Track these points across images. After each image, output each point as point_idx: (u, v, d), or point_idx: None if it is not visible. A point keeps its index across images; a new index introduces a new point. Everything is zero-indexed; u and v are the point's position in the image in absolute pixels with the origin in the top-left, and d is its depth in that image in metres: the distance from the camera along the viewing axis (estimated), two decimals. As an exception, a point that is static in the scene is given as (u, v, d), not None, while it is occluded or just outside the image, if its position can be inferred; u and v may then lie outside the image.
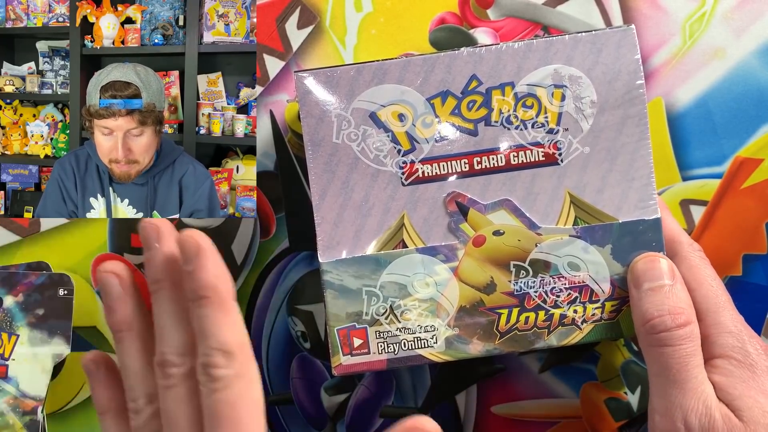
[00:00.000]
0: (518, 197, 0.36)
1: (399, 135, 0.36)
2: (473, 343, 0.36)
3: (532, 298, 0.36)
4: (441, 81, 0.36)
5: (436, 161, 0.36)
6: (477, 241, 0.36)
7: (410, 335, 0.36)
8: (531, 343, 0.37)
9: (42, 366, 0.43)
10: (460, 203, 0.36)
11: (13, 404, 0.43)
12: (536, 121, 0.36)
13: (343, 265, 0.36)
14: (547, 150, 0.36)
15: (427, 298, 0.36)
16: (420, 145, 0.36)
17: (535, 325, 0.36)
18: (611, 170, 0.36)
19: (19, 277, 0.43)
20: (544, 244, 0.36)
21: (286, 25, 0.46)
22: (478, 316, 0.36)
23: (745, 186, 0.44)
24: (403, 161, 0.36)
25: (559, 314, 0.36)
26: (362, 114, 0.36)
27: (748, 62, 0.44)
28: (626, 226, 0.36)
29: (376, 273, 0.36)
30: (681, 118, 0.44)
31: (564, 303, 0.36)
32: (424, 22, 0.45)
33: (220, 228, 0.46)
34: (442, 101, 0.36)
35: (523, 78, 0.36)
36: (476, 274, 0.36)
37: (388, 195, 0.36)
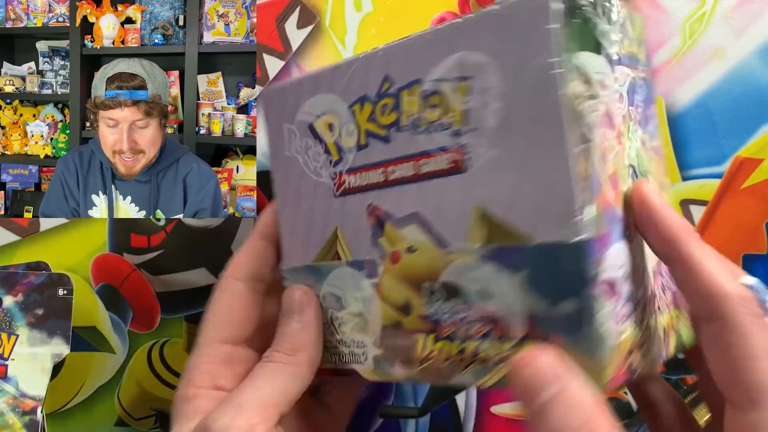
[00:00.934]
0: (429, 210, 0.30)
1: (330, 145, 0.34)
2: (395, 367, 0.32)
3: (445, 326, 0.30)
4: (359, 85, 0.32)
5: (358, 171, 0.33)
6: (393, 258, 0.32)
7: (346, 348, 0.34)
8: (447, 376, 0.30)
9: (41, 366, 0.43)
10: (378, 216, 0.33)
11: (12, 404, 0.43)
12: (442, 122, 0.30)
13: (295, 273, 0.36)
14: (453, 156, 0.29)
15: (358, 312, 0.34)
16: (345, 155, 0.33)
17: (450, 357, 0.30)
18: (525, 178, 0.27)
19: (18, 277, 0.43)
20: (453, 265, 0.30)
21: (285, 25, 0.46)
22: (398, 338, 0.32)
23: (745, 186, 0.44)
24: (334, 172, 0.34)
25: (472, 348, 0.29)
26: (304, 126, 0.35)
27: (748, 62, 0.44)
28: (542, 249, 0.27)
29: (319, 282, 0.35)
30: (681, 117, 0.44)
31: (476, 336, 0.29)
32: (424, 22, 0.45)
33: (220, 228, 0.46)
34: (360, 107, 0.33)
35: (430, 72, 0.30)
36: (394, 292, 0.32)
37: (326, 206, 0.34)
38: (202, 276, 0.46)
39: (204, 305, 0.46)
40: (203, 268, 0.46)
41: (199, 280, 0.46)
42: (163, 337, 0.47)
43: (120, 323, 0.47)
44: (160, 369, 0.47)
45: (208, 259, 0.46)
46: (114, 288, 0.47)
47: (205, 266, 0.46)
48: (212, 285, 0.46)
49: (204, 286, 0.46)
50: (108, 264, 0.47)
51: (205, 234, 0.46)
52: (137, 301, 0.46)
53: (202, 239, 0.46)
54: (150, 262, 0.46)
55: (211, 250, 0.46)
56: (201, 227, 0.47)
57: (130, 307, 0.47)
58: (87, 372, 0.47)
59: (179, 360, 0.47)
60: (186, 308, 0.47)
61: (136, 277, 0.46)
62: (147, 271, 0.46)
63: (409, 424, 0.46)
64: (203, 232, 0.47)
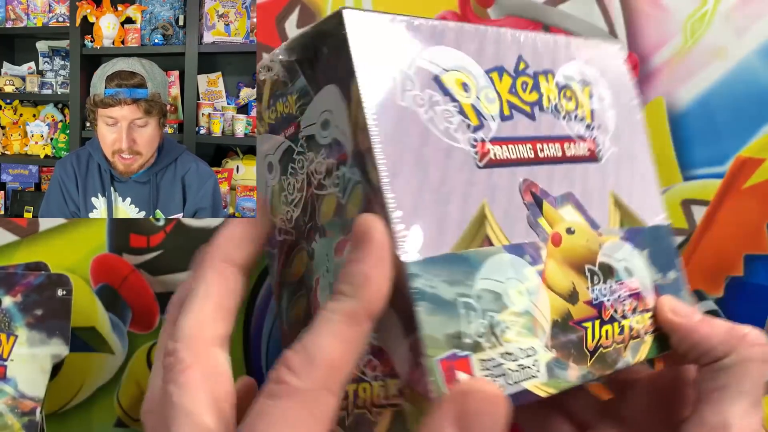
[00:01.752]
0: (578, 192, 0.32)
1: (466, 107, 0.29)
2: (570, 368, 0.28)
3: (607, 308, 0.31)
4: (493, 55, 0.31)
5: (505, 143, 0.29)
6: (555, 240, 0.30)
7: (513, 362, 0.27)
8: (614, 362, 0.30)
9: (41, 366, 0.43)
10: (535, 194, 0.30)
11: (11, 405, 0.43)
12: (576, 113, 0.33)
13: (433, 266, 0.26)
14: (589, 145, 0.33)
15: (523, 311, 0.27)
16: (487, 122, 0.29)
17: (614, 339, 0.30)
18: (633, 173, 0.35)
19: (17, 278, 0.43)
20: (605, 246, 0.32)
21: (285, 24, 0.45)
22: (570, 333, 0.29)
23: (747, 186, 0.44)
24: (475, 138, 0.29)
25: (628, 326, 0.31)
26: (426, 75, 0.28)
27: (749, 62, 0.44)
28: (654, 230, 0.34)
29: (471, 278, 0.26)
30: (682, 117, 0.44)
31: (629, 312, 0.32)
32: (424, 22, 0.45)
33: (219, 228, 0.46)
34: (499, 77, 0.31)
35: (560, 68, 0.33)
36: (560, 279, 0.29)
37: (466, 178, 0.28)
38: (201, 276, 0.46)
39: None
40: (203, 269, 0.46)
41: (199, 280, 0.46)
42: (162, 337, 0.47)
43: (119, 324, 0.47)
44: (159, 370, 0.47)
45: (207, 259, 0.46)
46: (113, 288, 0.46)
47: (205, 266, 0.46)
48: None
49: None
50: (107, 264, 0.46)
51: (204, 234, 0.46)
52: (137, 302, 0.46)
53: (201, 239, 0.46)
54: (149, 262, 0.46)
55: (210, 251, 0.46)
56: (201, 227, 0.47)
57: (130, 307, 0.46)
58: (86, 373, 0.47)
59: (179, 361, 0.47)
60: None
61: (135, 277, 0.46)
62: (146, 271, 0.46)
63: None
64: (203, 232, 0.46)
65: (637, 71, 0.44)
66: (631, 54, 0.44)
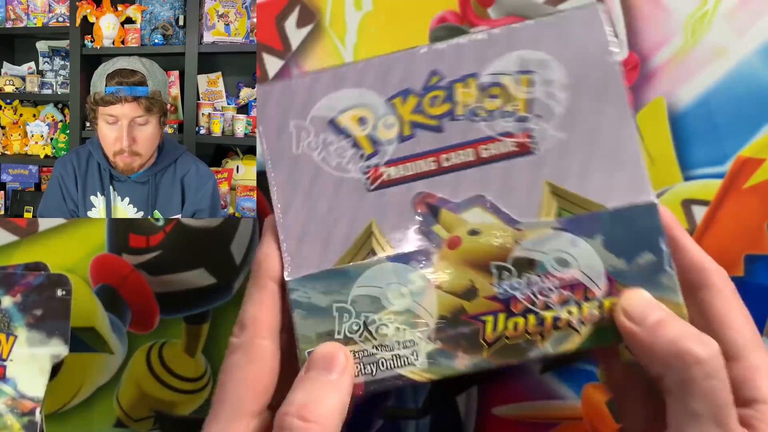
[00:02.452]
0: (493, 192, 0.33)
1: (360, 139, 0.34)
2: (459, 357, 0.32)
3: (519, 301, 0.33)
4: (400, 80, 0.34)
5: (401, 162, 0.34)
6: (452, 243, 0.33)
7: (388, 353, 0.32)
8: (523, 352, 0.33)
9: (40, 367, 0.43)
10: (431, 203, 0.33)
11: (11, 405, 0.43)
12: (504, 110, 0.33)
13: (310, 281, 0.33)
14: (519, 140, 0.33)
15: (404, 309, 0.33)
16: (383, 147, 0.34)
17: (526, 331, 0.32)
18: (593, 155, 0.33)
19: (17, 278, 0.43)
20: (526, 241, 0.33)
21: (285, 24, 0.45)
22: (460, 326, 0.33)
23: (747, 186, 0.43)
24: (367, 166, 0.34)
25: (551, 317, 0.32)
26: (321, 122, 0.34)
27: (750, 61, 0.44)
28: (617, 213, 0.33)
29: (347, 287, 0.33)
30: (683, 117, 0.44)
31: (556, 304, 0.33)
32: (424, 21, 0.45)
33: (219, 228, 0.46)
34: (402, 100, 0.34)
35: (487, 67, 0.34)
36: (454, 278, 0.33)
37: (354, 203, 0.33)
38: (201, 276, 0.46)
39: (203, 306, 0.46)
40: (202, 269, 0.46)
41: (199, 280, 0.46)
42: (162, 338, 0.47)
43: (119, 324, 0.47)
44: (159, 370, 0.47)
45: (207, 259, 0.46)
46: (113, 288, 0.46)
47: (204, 266, 0.46)
48: (212, 285, 0.46)
49: (203, 287, 0.46)
50: (107, 264, 0.46)
51: (204, 234, 0.46)
52: (136, 302, 0.46)
53: (201, 239, 0.46)
54: (149, 262, 0.46)
55: (210, 251, 0.46)
56: (200, 227, 0.47)
57: (129, 307, 0.46)
58: (86, 373, 0.47)
59: (178, 361, 0.47)
60: (185, 309, 0.46)
61: (135, 277, 0.46)
62: (146, 271, 0.46)
63: (409, 425, 0.46)
64: (202, 232, 0.46)
65: (637, 71, 0.44)
66: (632, 54, 0.44)
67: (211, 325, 0.46)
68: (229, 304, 0.46)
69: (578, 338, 0.33)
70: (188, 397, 0.47)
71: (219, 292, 0.46)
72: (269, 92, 0.34)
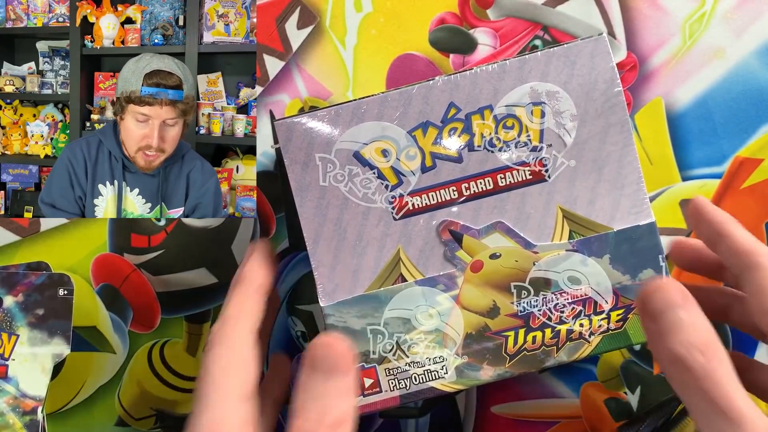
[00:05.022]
0: (510, 218, 0.36)
1: (385, 170, 0.36)
2: (484, 369, 0.36)
3: (537, 317, 0.36)
4: (420, 112, 0.36)
5: (425, 192, 0.36)
6: (475, 267, 0.36)
7: (420, 368, 0.36)
8: (541, 362, 0.36)
9: (42, 366, 0.43)
10: (454, 231, 0.36)
11: (13, 404, 0.43)
12: (519, 140, 0.36)
13: (344, 306, 0.35)
14: (533, 168, 0.36)
15: (433, 329, 0.36)
16: (407, 178, 0.36)
17: (543, 343, 0.36)
18: (600, 180, 0.36)
19: (19, 277, 0.43)
20: (541, 262, 0.36)
21: (285, 25, 0.46)
22: (485, 342, 0.36)
23: (745, 186, 0.44)
24: (392, 196, 0.36)
25: (565, 330, 0.36)
26: (346, 154, 0.36)
27: (747, 62, 0.44)
28: (622, 234, 0.36)
29: (379, 310, 0.36)
30: (681, 118, 0.44)
31: (569, 318, 0.36)
32: (424, 22, 0.45)
33: (220, 228, 0.46)
34: (423, 132, 0.36)
35: (501, 99, 0.36)
36: (478, 299, 0.36)
37: (381, 231, 0.36)
38: (202, 276, 0.46)
39: (204, 305, 0.47)
40: (203, 268, 0.46)
41: (200, 280, 0.46)
42: (163, 337, 0.47)
43: (120, 323, 0.47)
44: (160, 369, 0.47)
45: (208, 259, 0.46)
46: (114, 288, 0.47)
47: (205, 266, 0.46)
48: (213, 285, 0.46)
49: (204, 286, 0.46)
50: (108, 264, 0.47)
51: (205, 234, 0.46)
52: (137, 301, 0.46)
53: (202, 239, 0.46)
54: (150, 262, 0.46)
55: (211, 251, 0.46)
56: (201, 227, 0.47)
57: (131, 307, 0.47)
58: (87, 372, 0.47)
59: (179, 360, 0.47)
60: (186, 308, 0.47)
61: (136, 277, 0.46)
62: (147, 271, 0.46)
63: (409, 424, 0.46)
64: (203, 232, 0.47)
65: (635, 72, 0.44)
66: (630, 54, 0.44)
67: (212, 325, 0.47)
68: (229, 304, 0.46)
69: (589, 347, 0.36)
70: (189, 396, 0.47)
71: (220, 292, 0.46)
72: (292, 126, 0.36)
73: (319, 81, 0.45)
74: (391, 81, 0.45)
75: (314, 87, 0.45)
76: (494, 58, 0.45)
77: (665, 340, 0.31)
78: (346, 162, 0.36)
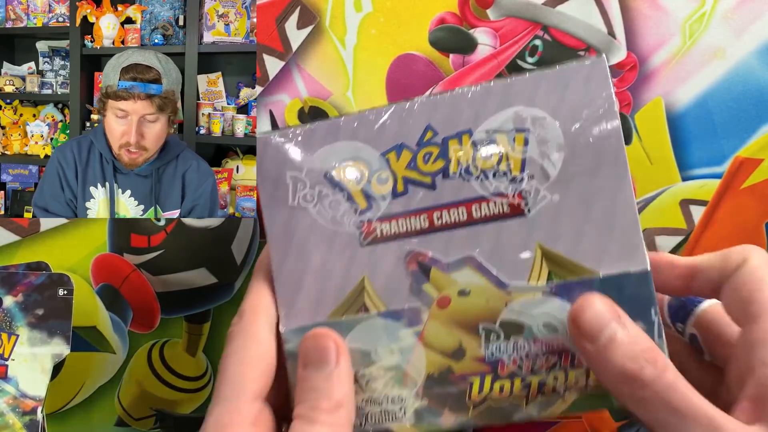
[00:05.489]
0: (484, 253, 0.32)
1: (355, 193, 0.33)
2: (444, 416, 0.32)
3: (506, 365, 0.32)
4: (395, 134, 0.33)
5: (394, 218, 0.33)
6: (441, 303, 0.32)
7: (377, 407, 0.33)
8: (508, 415, 0.32)
9: (41, 366, 0.43)
10: (422, 262, 0.33)
11: (12, 404, 0.43)
12: (498, 169, 0.32)
13: (303, 332, 0.32)
14: (511, 201, 0.32)
15: (393, 366, 0.32)
16: (377, 202, 0.33)
17: (512, 394, 0.32)
18: (588, 219, 0.31)
19: (18, 277, 0.43)
20: (514, 304, 0.32)
21: (285, 25, 0.46)
22: (447, 385, 0.32)
23: (745, 186, 0.44)
24: (361, 221, 0.33)
25: (537, 382, 0.32)
26: (317, 174, 0.33)
27: (748, 62, 0.44)
28: (609, 280, 0.31)
29: None
30: (681, 118, 0.44)
31: (542, 369, 0.32)
32: (423, 22, 0.45)
33: (220, 228, 0.46)
34: (396, 155, 0.33)
35: (482, 124, 0.32)
36: (443, 338, 0.32)
37: (347, 257, 0.33)
38: (202, 276, 0.46)
39: (204, 305, 0.47)
40: (203, 268, 0.46)
41: (199, 280, 0.46)
42: (163, 337, 0.47)
43: (120, 323, 0.47)
44: (160, 369, 0.47)
45: (208, 259, 0.46)
46: (114, 288, 0.47)
47: (205, 266, 0.46)
48: (212, 284, 0.46)
49: (204, 286, 0.46)
50: (108, 264, 0.47)
51: (205, 234, 0.46)
52: (137, 302, 0.46)
53: (202, 239, 0.46)
54: (150, 262, 0.46)
55: (211, 251, 0.46)
56: (201, 227, 0.47)
57: (131, 307, 0.47)
58: (87, 372, 0.47)
59: (179, 360, 0.47)
60: (186, 308, 0.47)
61: (136, 277, 0.46)
62: (147, 271, 0.46)
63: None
64: (203, 232, 0.47)
65: (635, 72, 0.44)
66: (630, 54, 0.44)
67: (211, 325, 0.47)
68: (229, 304, 0.46)
69: (563, 404, 0.32)
70: (189, 396, 0.47)
71: (220, 292, 0.46)
72: (267, 142, 0.34)
73: (319, 81, 0.45)
74: (391, 81, 0.45)
75: (314, 87, 0.45)
76: (494, 57, 0.45)
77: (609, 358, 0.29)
78: (317, 182, 0.33)
